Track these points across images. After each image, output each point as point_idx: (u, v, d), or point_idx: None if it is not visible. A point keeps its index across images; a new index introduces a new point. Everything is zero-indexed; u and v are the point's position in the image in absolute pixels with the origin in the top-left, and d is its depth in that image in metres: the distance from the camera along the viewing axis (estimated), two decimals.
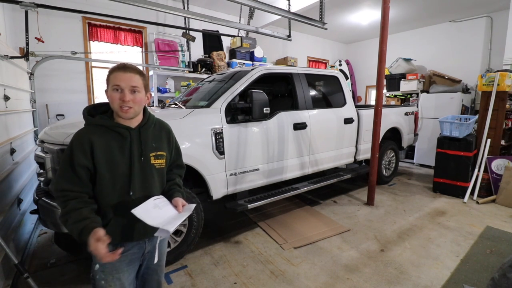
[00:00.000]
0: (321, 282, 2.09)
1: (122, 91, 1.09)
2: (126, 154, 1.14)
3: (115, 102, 1.10)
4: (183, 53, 5.21)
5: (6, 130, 2.61)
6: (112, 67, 1.14)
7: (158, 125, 1.29)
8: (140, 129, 1.18)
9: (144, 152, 1.18)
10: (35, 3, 2.93)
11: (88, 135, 1.10)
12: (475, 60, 5.88)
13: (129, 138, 1.15)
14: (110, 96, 1.11)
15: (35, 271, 2.21)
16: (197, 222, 2.37)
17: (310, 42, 7.61)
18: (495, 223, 3.08)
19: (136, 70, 1.14)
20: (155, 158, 1.21)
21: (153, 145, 1.22)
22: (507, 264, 1.31)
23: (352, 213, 3.36)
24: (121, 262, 1.16)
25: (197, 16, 3.41)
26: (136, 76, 1.13)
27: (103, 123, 1.13)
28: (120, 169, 1.12)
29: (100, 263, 1.13)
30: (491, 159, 3.92)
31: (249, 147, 2.61)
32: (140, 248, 1.23)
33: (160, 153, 1.23)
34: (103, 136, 1.11)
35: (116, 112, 1.13)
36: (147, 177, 1.19)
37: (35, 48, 3.68)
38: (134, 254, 1.21)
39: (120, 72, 1.10)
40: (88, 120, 1.15)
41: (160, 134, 1.27)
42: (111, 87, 1.10)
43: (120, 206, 1.13)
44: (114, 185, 1.12)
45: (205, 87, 3.16)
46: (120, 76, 1.10)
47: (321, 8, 4.28)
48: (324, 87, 3.74)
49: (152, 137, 1.22)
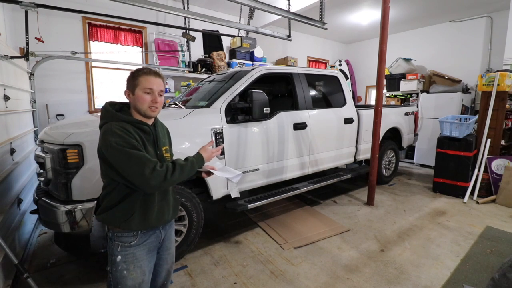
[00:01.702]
0: (321, 282, 2.09)
1: (153, 93, 1.21)
2: (152, 145, 1.26)
3: (145, 103, 1.20)
4: (183, 53, 5.21)
5: (6, 130, 2.61)
6: (140, 70, 1.23)
7: (160, 124, 1.40)
8: (156, 127, 1.31)
9: (159, 146, 1.30)
10: (35, 3, 2.93)
11: (125, 127, 1.17)
12: (475, 60, 5.88)
13: (152, 133, 1.27)
14: (140, 97, 1.20)
15: (35, 271, 2.21)
16: (197, 222, 2.37)
17: (310, 42, 7.61)
18: (495, 223, 3.08)
19: (161, 75, 1.28)
20: (165, 152, 1.35)
21: (163, 141, 1.35)
22: (507, 264, 1.31)
23: (352, 213, 3.36)
24: (142, 251, 1.25)
25: (197, 16, 3.41)
26: (162, 81, 1.26)
27: (130, 120, 1.21)
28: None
29: (122, 254, 1.21)
30: (491, 159, 3.92)
31: (249, 147, 2.61)
32: (156, 237, 1.31)
33: (167, 147, 1.38)
34: (135, 130, 1.21)
35: (144, 112, 1.22)
36: None
37: (35, 48, 3.68)
38: (152, 243, 1.29)
39: (153, 76, 1.22)
40: (115, 116, 1.21)
41: (164, 132, 1.40)
42: (142, 89, 1.20)
43: (148, 194, 1.23)
44: None
45: (205, 87, 3.16)
46: (153, 80, 1.21)
47: (321, 8, 4.28)
48: (324, 87, 3.74)
49: (161, 134, 1.35)
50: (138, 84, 1.20)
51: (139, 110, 1.23)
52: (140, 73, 1.22)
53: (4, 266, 1.96)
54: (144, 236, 1.26)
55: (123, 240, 1.22)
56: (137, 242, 1.23)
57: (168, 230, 1.40)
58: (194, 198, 2.33)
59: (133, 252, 1.22)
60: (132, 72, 1.26)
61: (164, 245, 1.38)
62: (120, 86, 4.91)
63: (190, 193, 2.31)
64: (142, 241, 1.25)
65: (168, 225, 1.40)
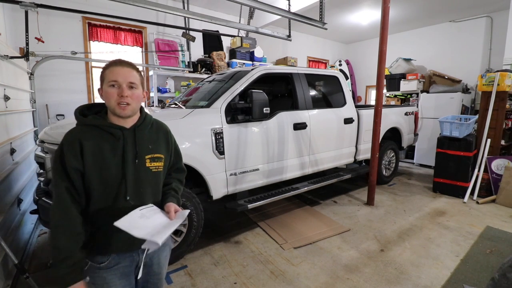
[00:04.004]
0: (321, 282, 2.09)
1: (120, 86, 1.03)
2: (118, 155, 1.05)
3: (112, 99, 1.03)
4: (183, 53, 5.21)
5: (6, 130, 2.61)
6: (107, 63, 1.08)
7: (155, 125, 1.21)
8: (135, 130, 1.11)
9: (139, 154, 1.10)
10: (35, 3, 2.93)
11: (79, 135, 1.03)
12: (475, 60, 5.88)
13: (122, 138, 1.07)
14: (106, 92, 1.04)
15: (35, 271, 2.21)
16: (197, 222, 2.37)
17: (310, 42, 7.61)
18: (495, 223, 3.08)
19: (133, 65, 1.09)
20: (151, 161, 1.12)
21: (149, 147, 1.13)
22: (507, 264, 1.31)
23: (352, 213, 3.36)
24: (113, 275, 1.08)
25: (197, 16, 3.41)
26: (133, 72, 1.07)
27: (95, 122, 1.06)
28: (111, 172, 1.04)
29: (91, 275, 1.06)
30: (491, 159, 3.92)
31: (249, 147, 2.61)
32: (132, 261, 1.13)
33: (157, 155, 1.15)
34: (95, 137, 1.04)
35: (112, 110, 1.05)
36: (142, 181, 1.10)
37: (35, 48, 3.68)
38: (126, 267, 1.11)
39: (118, 67, 1.05)
40: (80, 120, 1.08)
41: (157, 136, 1.19)
42: (107, 83, 1.03)
43: (113, 213, 1.02)
44: (105, 189, 1.04)
45: (205, 87, 3.16)
46: (117, 71, 1.04)
47: (321, 8, 4.28)
48: (324, 87, 3.75)
49: (148, 139, 1.14)
50: (104, 78, 1.05)
51: (109, 109, 1.07)
52: (106, 65, 1.07)
53: (4, 266, 1.96)
54: (118, 257, 1.09)
55: (93, 259, 1.07)
56: (108, 265, 1.07)
57: (153, 254, 1.18)
58: (194, 198, 2.33)
59: (103, 275, 1.07)
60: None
61: (152, 270, 1.19)
62: None
63: (190, 193, 2.31)
64: (114, 264, 1.08)
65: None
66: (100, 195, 1.04)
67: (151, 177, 1.14)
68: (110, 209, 1.05)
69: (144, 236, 0.94)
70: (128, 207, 1.04)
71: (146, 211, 1.04)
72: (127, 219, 0.97)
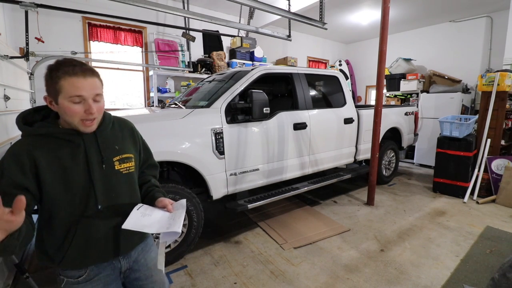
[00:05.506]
0: (321, 282, 2.09)
1: (85, 101, 0.88)
2: (81, 163, 0.94)
3: (76, 116, 0.89)
4: (183, 53, 5.21)
5: (6, 130, 2.61)
6: (60, 66, 0.87)
7: (117, 124, 1.09)
8: (96, 132, 0.98)
9: (106, 158, 0.99)
10: (35, 3, 2.93)
11: (27, 147, 0.87)
12: (475, 60, 5.88)
13: (83, 144, 0.95)
14: (67, 108, 0.87)
15: (35, 271, 2.21)
16: (197, 222, 2.37)
17: (310, 42, 7.61)
18: (495, 223, 3.08)
19: (94, 71, 0.93)
20: (120, 162, 1.03)
21: (116, 148, 1.03)
22: (507, 264, 1.31)
23: (352, 213, 3.36)
24: (96, 286, 1.01)
25: (197, 16, 3.40)
26: (96, 80, 0.92)
27: (46, 131, 0.91)
28: (76, 183, 0.93)
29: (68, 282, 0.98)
30: (491, 159, 3.92)
31: (249, 147, 2.61)
32: (113, 268, 1.06)
33: (125, 155, 1.05)
34: (49, 148, 0.90)
35: (75, 127, 0.92)
36: (114, 186, 1.01)
37: (35, 48, 3.68)
38: (108, 276, 1.04)
39: (80, 78, 0.87)
40: (25, 130, 0.92)
41: (122, 134, 1.08)
42: (68, 98, 0.86)
43: (84, 224, 0.95)
44: (71, 202, 0.93)
45: (205, 87, 3.16)
46: (80, 83, 0.87)
47: (321, 8, 4.27)
48: (324, 87, 3.75)
49: (113, 139, 1.04)
50: (60, 90, 0.86)
51: (69, 123, 0.92)
52: (60, 73, 0.86)
53: (4, 266, 1.96)
54: (97, 268, 1.01)
55: (68, 275, 0.98)
56: (87, 277, 0.99)
57: (137, 257, 1.12)
58: (194, 198, 2.33)
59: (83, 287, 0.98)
60: (49, 67, 0.88)
61: (142, 274, 1.13)
62: (120, 86, 4.91)
63: (190, 193, 2.31)
64: (94, 275, 1.00)
65: (136, 252, 1.12)
66: (66, 208, 0.93)
67: (123, 180, 1.05)
68: (80, 221, 0.95)
69: (159, 231, 0.93)
70: (100, 217, 0.98)
71: (143, 209, 1.01)
72: (133, 220, 0.94)
